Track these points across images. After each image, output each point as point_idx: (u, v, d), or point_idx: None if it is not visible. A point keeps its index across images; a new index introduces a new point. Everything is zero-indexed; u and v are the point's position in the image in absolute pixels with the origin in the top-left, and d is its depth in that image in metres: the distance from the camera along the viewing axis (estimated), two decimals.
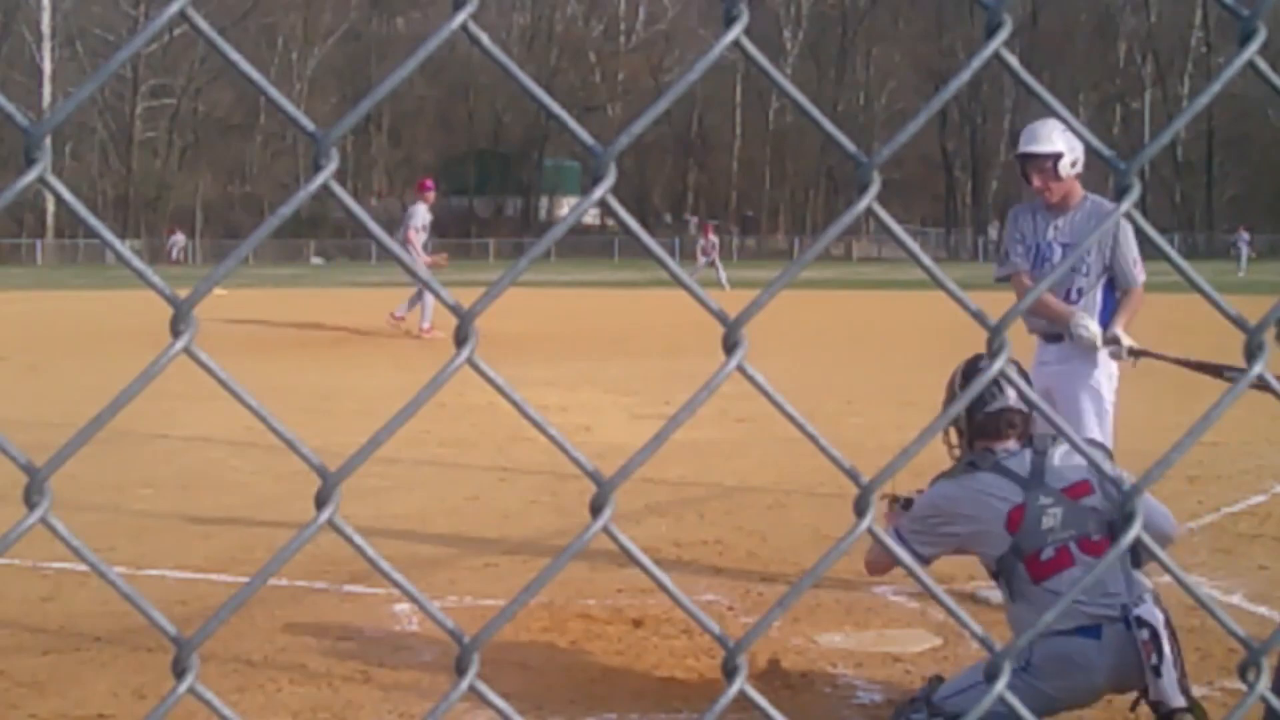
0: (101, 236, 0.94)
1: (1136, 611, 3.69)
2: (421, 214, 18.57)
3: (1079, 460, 3.96)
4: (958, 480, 4.04)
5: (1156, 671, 3.63)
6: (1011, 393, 3.95)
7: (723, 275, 33.69)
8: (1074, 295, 5.60)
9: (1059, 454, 4.00)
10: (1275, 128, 65.83)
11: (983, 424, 4.07)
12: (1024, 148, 5.67)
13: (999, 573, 3.90)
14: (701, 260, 35.24)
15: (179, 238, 55.61)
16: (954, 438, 4.22)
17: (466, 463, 8.88)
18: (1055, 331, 5.62)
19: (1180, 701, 3.65)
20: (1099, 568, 1.27)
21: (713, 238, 36.85)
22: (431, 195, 19.15)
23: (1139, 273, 5.57)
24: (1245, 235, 48.16)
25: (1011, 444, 4.04)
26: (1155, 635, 3.66)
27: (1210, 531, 6.79)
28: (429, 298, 18.38)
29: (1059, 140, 5.56)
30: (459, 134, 75.08)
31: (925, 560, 3.92)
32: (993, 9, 1.01)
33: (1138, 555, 3.86)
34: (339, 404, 11.63)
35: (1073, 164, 5.59)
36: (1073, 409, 5.50)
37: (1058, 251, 5.59)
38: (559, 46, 75.66)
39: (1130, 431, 6.09)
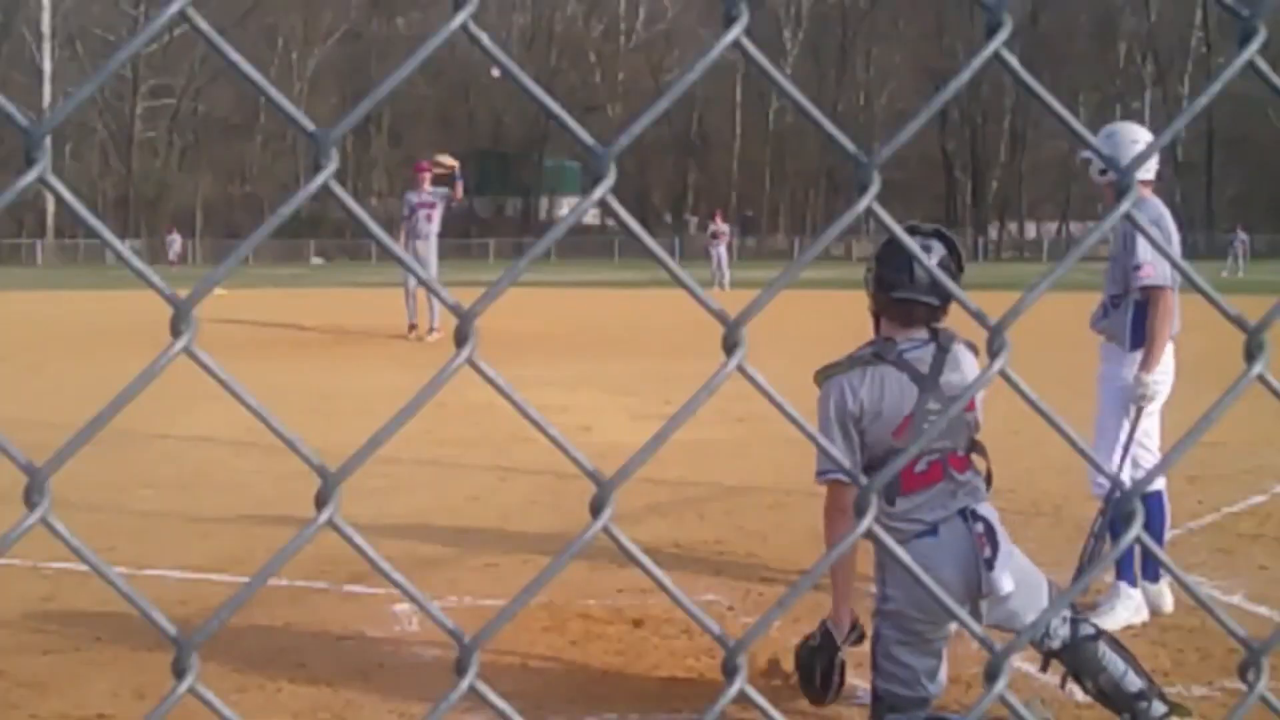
0: (101, 236, 0.94)
1: (972, 507, 3.77)
2: (408, 200, 18.86)
3: (970, 366, 3.87)
4: (859, 372, 3.88)
5: (989, 565, 3.70)
6: (922, 279, 3.81)
7: (726, 274, 33.55)
8: (1110, 307, 5.47)
9: (958, 355, 3.88)
10: (1275, 128, 65.77)
11: (886, 304, 3.94)
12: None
13: (868, 471, 3.76)
14: (718, 256, 34.62)
15: (174, 238, 55.54)
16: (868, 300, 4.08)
17: (466, 463, 8.88)
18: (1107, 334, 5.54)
19: (1008, 588, 3.71)
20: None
21: (723, 225, 36.45)
22: (422, 176, 19.41)
23: (1139, 277, 5.34)
24: (1242, 236, 48.33)
25: (916, 332, 3.90)
26: (990, 529, 3.76)
27: (1210, 531, 6.79)
28: (415, 296, 18.55)
29: (1099, 144, 5.49)
30: (459, 134, 75.00)
31: (854, 476, 3.83)
32: (993, 9, 1.01)
33: (989, 478, 3.93)
34: (339, 404, 11.63)
35: (1101, 171, 5.48)
36: (1098, 406, 5.49)
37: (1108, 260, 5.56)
38: (559, 46, 75.67)
39: None
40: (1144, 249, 5.29)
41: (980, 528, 3.76)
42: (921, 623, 3.79)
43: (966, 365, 3.89)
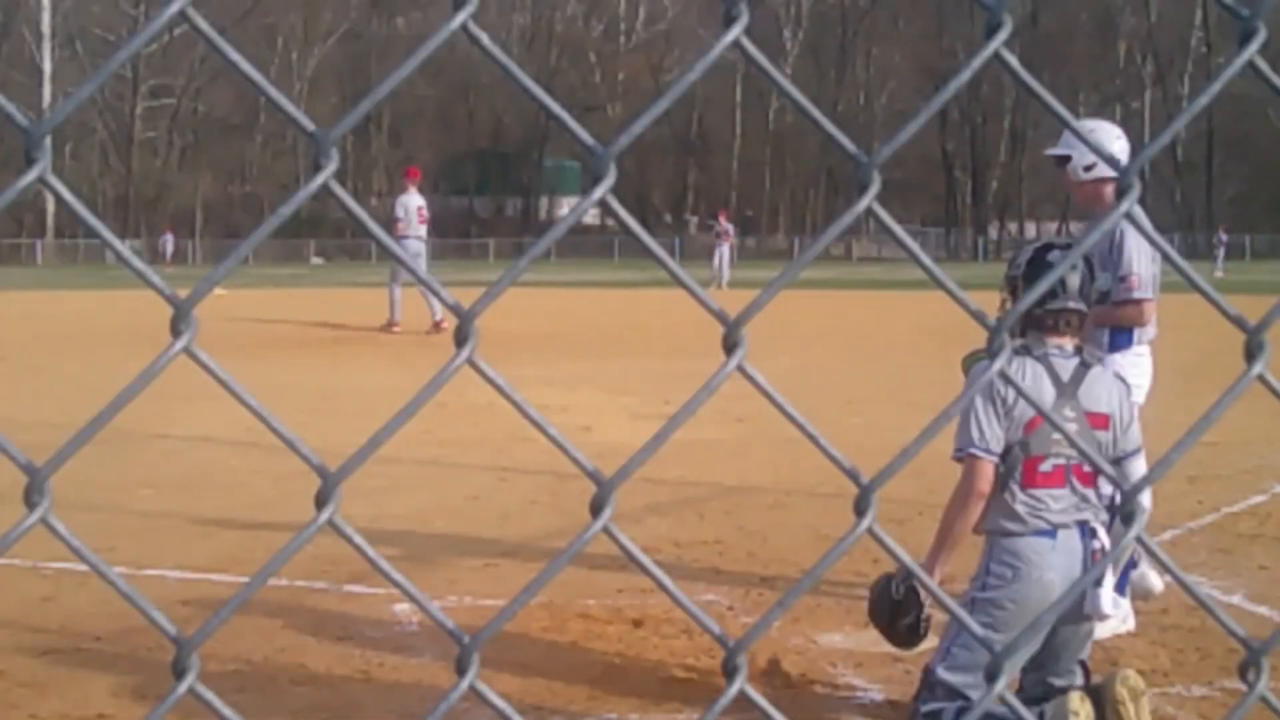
0: (101, 236, 0.94)
1: (1093, 523, 3.87)
2: (401, 202, 19.04)
3: (1112, 391, 4.01)
4: (1011, 359, 3.92)
5: (1098, 582, 3.77)
6: (1073, 287, 3.98)
7: (725, 272, 33.54)
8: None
9: (1097, 376, 4.01)
10: (1275, 128, 65.79)
11: (1040, 318, 4.03)
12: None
13: (1000, 458, 3.90)
14: (720, 255, 34.59)
15: (168, 237, 55.48)
16: (1007, 301, 4.19)
17: (466, 463, 8.88)
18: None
19: (1109, 610, 3.89)
20: (1103, 561, 1.27)
21: (726, 224, 36.40)
22: (408, 182, 19.71)
23: (1125, 287, 5.19)
24: (1223, 236, 48.74)
25: (1066, 342, 4.03)
26: (1104, 549, 3.85)
27: (1210, 531, 6.79)
28: (398, 294, 18.88)
29: (1072, 142, 5.38)
30: (459, 134, 75.10)
31: (998, 455, 3.88)
32: (993, 9, 1.01)
33: (1113, 500, 3.97)
34: (339, 404, 11.63)
35: (1086, 168, 5.36)
36: None
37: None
38: (559, 46, 75.67)
39: None
40: (1131, 258, 5.17)
41: (1096, 544, 3.87)
42: (1012, 618, 3.81)
43: (1107, 384, 4.02)
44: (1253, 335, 1.09)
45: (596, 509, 0.98)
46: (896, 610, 4.11)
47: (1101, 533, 3.89)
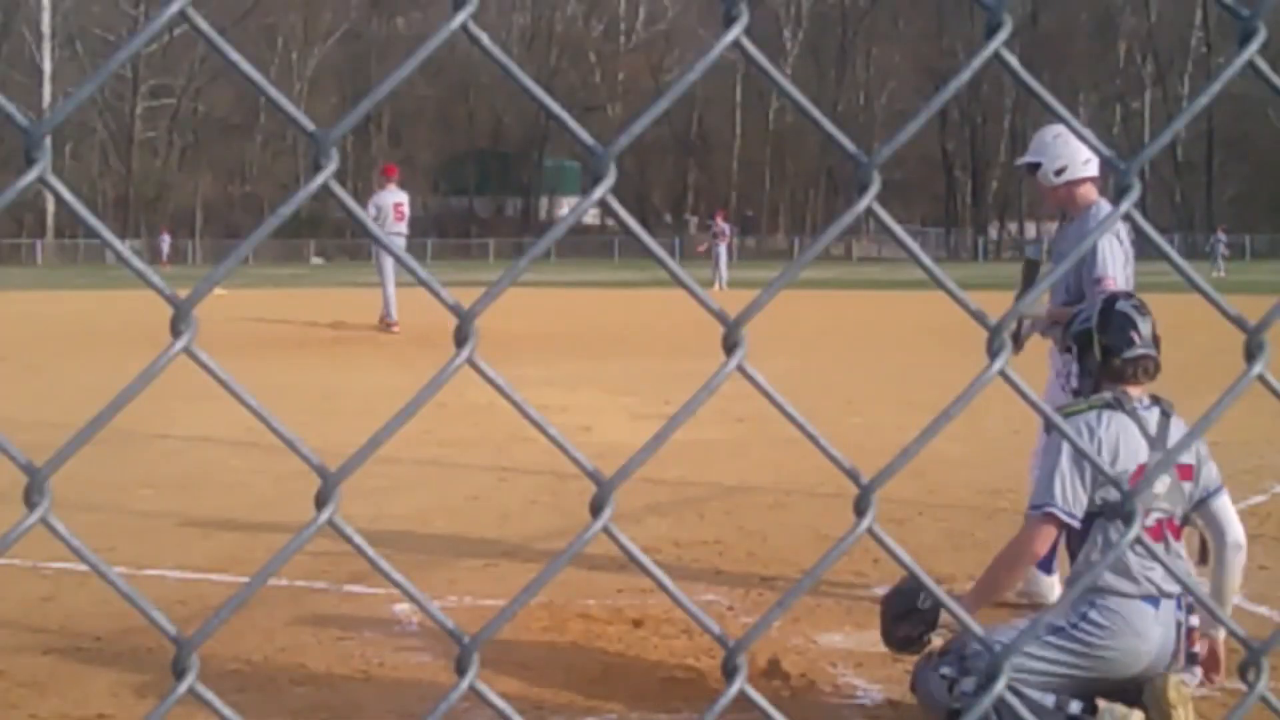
0: (101, 236, 0.94)
1: (1190, 600, 3.84)
2: (374, 200, 19.33)
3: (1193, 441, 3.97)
4: (1098, 415, 3.93)
5: (1193, 658, 3.82)
6: (1146, 334, 3.99)
7: (724, 274, 33.54)
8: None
9: (1178, 425, 3.97)
10: (1275, 128, 65.79)
11: (1119, 369, 4.01)
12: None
13: (1100, 514, 3.81)
14: (716, 256, 34.59)
15: (165, 237, 55.46)
16: (1073, 353, 4.16)
17: (466, 463, 8.88)
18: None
19: (1194, 681, 3.87)
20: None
21: (723, 225, 36.37)
22: (386, 180, 20.00)
23: (1099, 292, 5.05)
24: (1222, 236, 48.67)
25: (1142, 394, 4.00)
26: (1190, 633, 3.85)
27: None
28: (391, 291, 19.03)
29: (1040, 149, 5.42)
30: (459, 134, 75.12)
31: (1077, 519, 3.80)
32: (993, 9, 1.01)
33: (1204, 553, 4.00)
34: (339, 404, 11.63)
35: (1056, 172, 5.39)
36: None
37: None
38: (559, 46, 75.69)
39: None
40: (1105, 260, 5.19)
41: (1195, 621, 3.86)
42: (1091, 667, 3.75)
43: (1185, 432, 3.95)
44: (1253, 335, 1.09)
45: (596, 509, 0.98)
46: (911, 615, 4.03)
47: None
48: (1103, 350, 4.04)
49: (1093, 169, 5.43)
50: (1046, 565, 5.38)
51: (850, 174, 1.02)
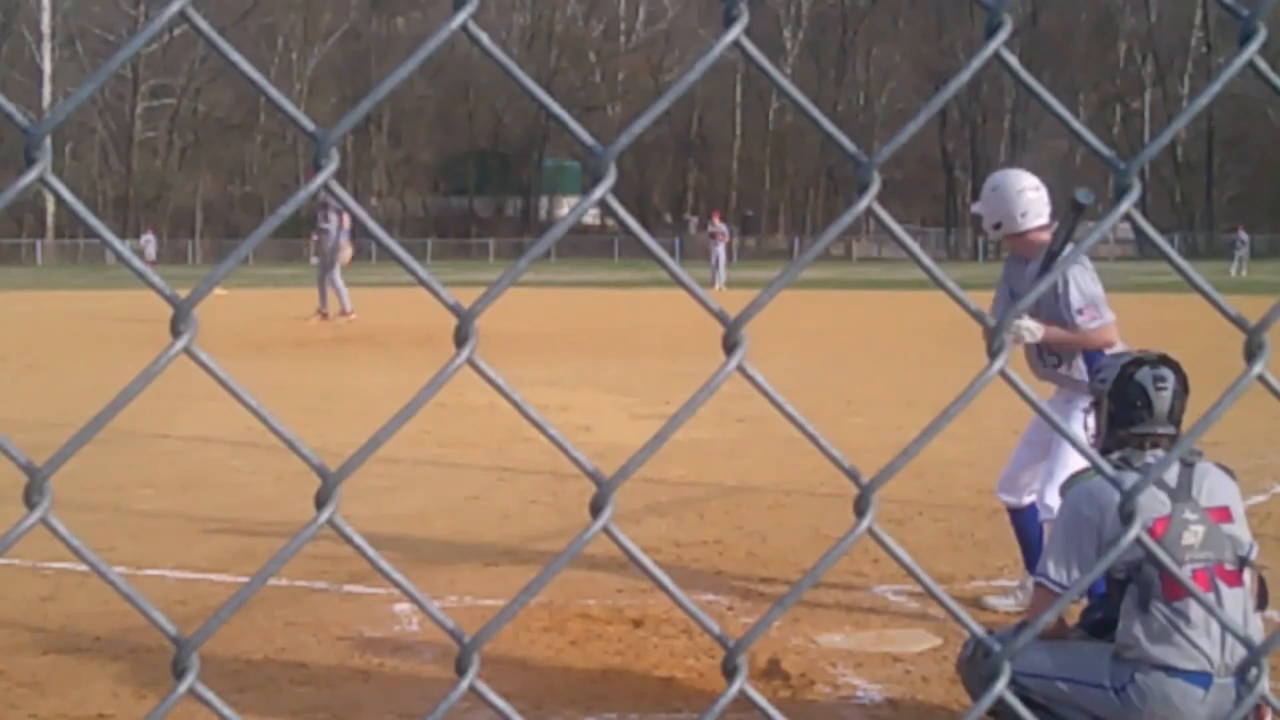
0: (101, 236, 0.94)
1: (1250, 676, 3.55)
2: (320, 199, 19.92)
3: (1225, 483, 3.73)
4: (1103, 480, 3.75)
5: None
6: (1161, 411, 3.71)
7: (722, 274, 33.55)
8: (1046, 355, 5.30)
9: (1205, 471, 3.72)
10: (1275, 128, 65.83)
11: (1124, 440, 3.79)
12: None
13: (1130, 579, 3.59)
14: (715, 256, 34.60)
15: (149, 237, 55.12)
16: (1092, 425, 3.99)
17: (466, 463, 8.88)
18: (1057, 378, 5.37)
19: None
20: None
21: (721, 225, 36.34)
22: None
23: (1084, 322, 5.14)
24: (1244, 236, 48.06)
25: (1158, 453, 3.74)
26: (1259, 707, 3.44)
27: None
28: (340, 282, 20.37)
29: (982, 200, 5.36)
30: (459, 134, 75.09)
31: (1075, 593, 3.64)
32: (993, 9, 1.01)
33: (1263, 597, 3.71)
34: (339, 404, 11.63)
35: (995, 226, 5.35)
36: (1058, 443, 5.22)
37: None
38: (559, 46, 75.66)
39: None
40: (1077, 293, 5.11)
41: (1254, 702, 3.58)
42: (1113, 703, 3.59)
43: (1215, 476, 3.73)
44: (1253, 335, 1.09)
45: (596, 509, 0.98)
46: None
47: (1263, 685, 3.55)
48: (1109, 417, 3.82)
49: (1032, 221, 5.29)
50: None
51: (850, 174, 1.02)
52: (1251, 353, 1.09)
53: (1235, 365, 1.07)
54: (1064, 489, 3.83)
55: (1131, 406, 3.74)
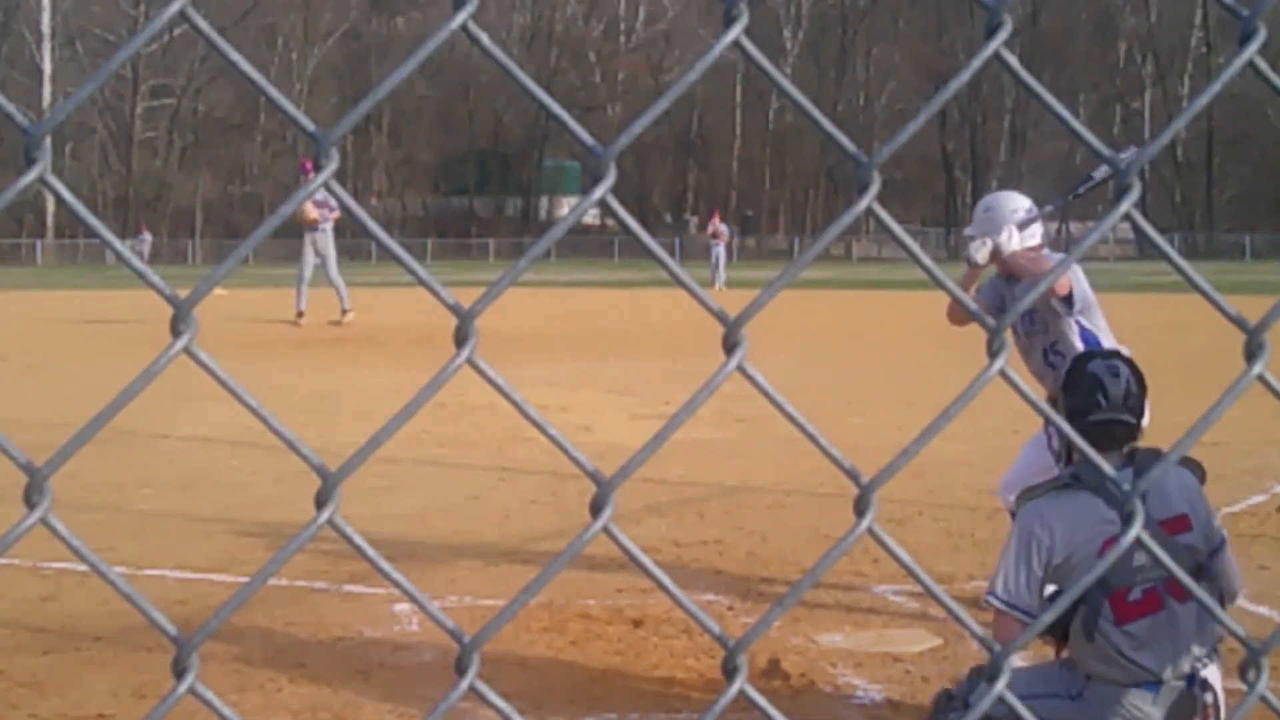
0: (101, 236, 0.94)
1: (1203, 673, 3.51)
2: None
3: (1182, 485, 3.63)
4: (1054, 497, 3.63)
5: None
6: (1116, 395, 3.65)
7: (722, 274, 33.53)
8: (1051, 356, 5.26)
9: (1161, 478, 3.53)
10: (1275, 128, 65.78)
11: (1084, 431, 3.55)
12: None
13: (1080, 599, 3.48)
14: (715, 256, 34.59)
15: (145, 236, 55.10)
16: (1055, 442, 3.97)
17: (466, 463, 8.88)
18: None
19: None
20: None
21: (721, 225, 36.29)
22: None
23: (1070, 310, 5.13)
24: None
25: (1114, 458, 3.62)
26: (1217, 702, 3.50)
27: None
28: (338, 278, 20.38)
29: (976, 222, 5.31)
30: (459, 134, 75.08)
31: (1020, 610, 3.53)
32: (993, 9, 1.01)
33: (1223, 596, 3.64)
34: (339, 404, 11.63)
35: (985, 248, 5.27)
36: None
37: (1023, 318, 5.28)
38: (559, 46, 75.64)
39: None
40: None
41: (1210, 698, 3.51)
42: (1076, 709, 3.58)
43: (1172, 480, 3.61)
44: (1253, 335, 1.09)
45: (596, 509, 0.98)
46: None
47: (1214, 678, 3.51)
48: (1067, 413, 3.65)
49: (1025, 242, 5.24)
50: None
51: (850, 174, 1.02)
52: (1251, 353, 1.09)
53: (1235, 365, 1.07)
54: (1018, 502, 3.78)
55: (1088, 394, 3.68)
